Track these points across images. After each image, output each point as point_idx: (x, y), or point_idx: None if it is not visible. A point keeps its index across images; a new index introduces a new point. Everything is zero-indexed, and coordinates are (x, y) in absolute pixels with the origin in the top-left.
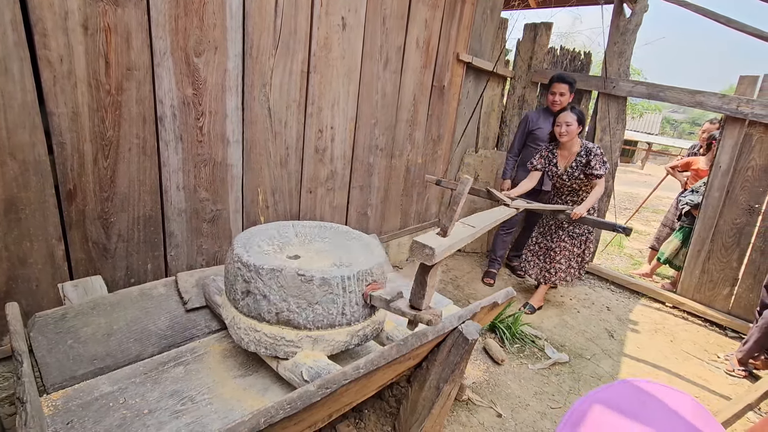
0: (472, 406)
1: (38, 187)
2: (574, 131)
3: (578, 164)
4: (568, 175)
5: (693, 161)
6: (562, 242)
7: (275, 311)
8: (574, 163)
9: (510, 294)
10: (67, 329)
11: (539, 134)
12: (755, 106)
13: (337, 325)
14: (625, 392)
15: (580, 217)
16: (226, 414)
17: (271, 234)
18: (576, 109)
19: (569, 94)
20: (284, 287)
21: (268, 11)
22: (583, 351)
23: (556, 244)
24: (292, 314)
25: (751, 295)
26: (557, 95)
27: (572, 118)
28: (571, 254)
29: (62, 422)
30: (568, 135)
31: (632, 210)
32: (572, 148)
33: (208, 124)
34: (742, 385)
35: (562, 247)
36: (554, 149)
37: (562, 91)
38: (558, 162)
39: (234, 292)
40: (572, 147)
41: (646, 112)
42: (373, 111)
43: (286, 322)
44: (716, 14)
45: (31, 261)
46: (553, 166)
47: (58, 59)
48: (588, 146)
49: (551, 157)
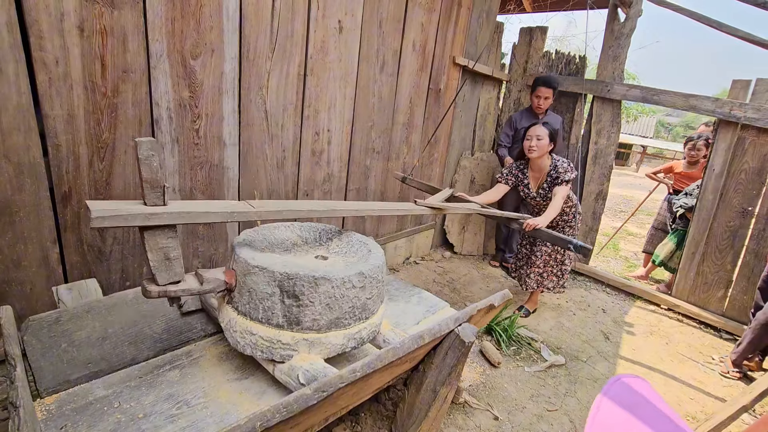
0: (468, 408)
1: (33, 189)
2: (545, 147)
3: (549, 184)
4: (542, 196)
5: (674, 165)
6: (544, 247)
7: (275, 314)
8: (545, 184)
9: (506, 296)
10: (61, 333)
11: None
12: (748, 109)
13: (334, 327)
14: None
15: (533, 228)
16: (222, 418)
17: (269, 234)
18: (548, 124)
19: (552, 97)
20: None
21: (265, 14)
22: (579, 353)
23: (537, 250)
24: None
25: (745, 297)
26: (542, 99)
27: (543, 133)
28: (551, 260)
29: (56, 427)
30: (537, 150)
31: (627, 213)
32: (542, 167)
33: (205, 126)
34: (736, 387)
35: (543, 252)
36: (524, 169)
37: (547, 95)
38: (530, 183)
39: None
40: (542, 165)
41: (641, 116)
42: (369, 114)
43: (282, 326)
44: (709, 19)
45: (25, 264)
46: (525, 188)
47: (53, 61)
48: (555, 162)
49: (522, 177)
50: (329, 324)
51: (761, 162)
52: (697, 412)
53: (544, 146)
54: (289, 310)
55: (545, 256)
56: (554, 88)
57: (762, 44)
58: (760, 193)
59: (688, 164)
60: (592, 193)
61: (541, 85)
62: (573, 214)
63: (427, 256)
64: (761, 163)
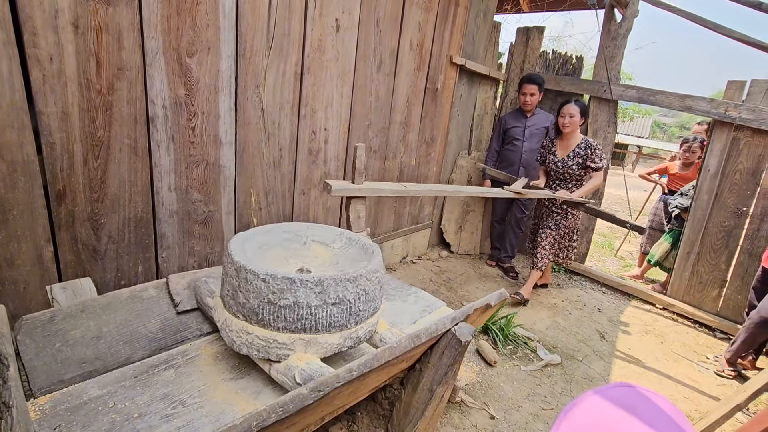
0: (465, 407)
1: (26, 187)
2: (577, 122)
3: (576, 155)
4: (563, 163)
5: (669, 166)
6: (549, 229)
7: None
8: (571, 153)
9: (503, 296)
10: (55, 332)
11: (514, 133)
12: (743, 110)
13: (330, 327)
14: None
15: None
16: (218, 417)
17: (262, 236)
18: (579, 101)
19: (539, 93)
20: None
21: (262, 12)
22: (575, 352)
23: (542, 230)
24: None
25: (739, 297)
26: (528, 95)
27: (575, 110)
28: (554, 240)
29: (49, 427)
30: (570, 126)
31: (622, 212)
32: (572, 140)
33: (201, 124)
34: (731, 385)
35: (548, 233)
36: (554, 139)
37: (533, 91)
38: (557, 151)
39: (228, 295)
40: (572, 139)
41: (637, 116)
42: (366, 113)
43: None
44: (705, 20)
45: (18, 263)
46: (551, 154)
47: (47, 58)
48: (589, 141)
49: (550, 146)
50: None
51: (756, 162)
52: (692, 411)
53: (576, 122)
54: None
55: (549, 238)
56: (539, 84)
57: (757, 46)
58: (754, 194)
59: (683, 165)
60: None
61: (526, 83)
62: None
63: (424, 255)
64: (756, 163)
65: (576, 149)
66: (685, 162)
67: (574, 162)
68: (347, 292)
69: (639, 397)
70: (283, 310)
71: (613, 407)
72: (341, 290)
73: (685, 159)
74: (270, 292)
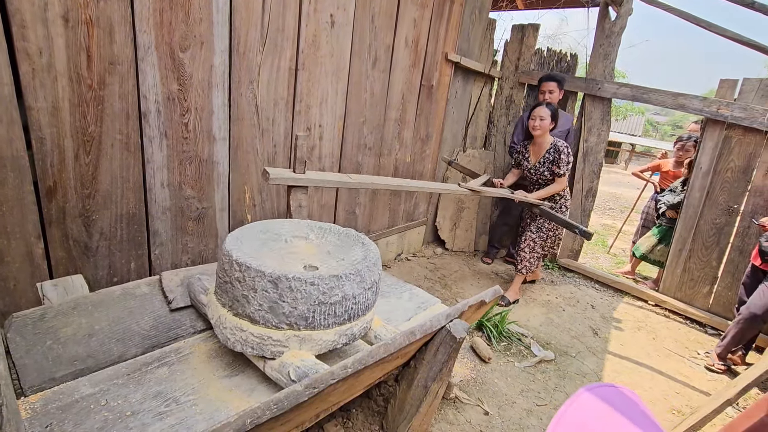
0: (459, 404)
1: (16, 183)
2: (547, 126)
3: (546, 161)
4: (536, 169)
5: (662, 164)
6: (531, 232)
7: (264, 311)
8: (542, 159)
9: (497, 293)
10: (46, 330)
11: None
12: (734, 109)
13: (325, 324)
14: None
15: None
16: (212, 415)
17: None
18: (551, 105)
19: (558, 90)
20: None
21: (256, 7)
22: (568, 348)
23: (524, 235)
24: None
25: (729, 294)
26: (546, 93)
27: (546, 113)
28: (535, 244)
29: (40, 425)
30: (540, 129)
31: (615, 209)
32: (543, 144)
33: (194, 120)
34: (721, 381)
35: (528, 236)
36: (527, 144)
37: (551, 88)
38: (530, 156)
39: (224, 292)
40: (543, 143)
41: (630, 114)
42: (361, 109)
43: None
44: (698, 18)
45: (8, 259)
46: (525, 161)
47: (37, 52)
48: (557, 144)
49: (524, 152)
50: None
51: (747, 161)
52: (683, 406)
53: (545, 125)
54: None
55: (529, 241)
56: (559, 81)
57: (750, 44)
58: (745, 191)
59: (676, 163)
60: (582, 190)
61: (545, 80)
62: (562, 204)
63: (419, 252)
64: (747, 161)
65: (546, 155)
66: (678, 160)
67: (545, 168)
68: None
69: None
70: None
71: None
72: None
73: (678, 157)
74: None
